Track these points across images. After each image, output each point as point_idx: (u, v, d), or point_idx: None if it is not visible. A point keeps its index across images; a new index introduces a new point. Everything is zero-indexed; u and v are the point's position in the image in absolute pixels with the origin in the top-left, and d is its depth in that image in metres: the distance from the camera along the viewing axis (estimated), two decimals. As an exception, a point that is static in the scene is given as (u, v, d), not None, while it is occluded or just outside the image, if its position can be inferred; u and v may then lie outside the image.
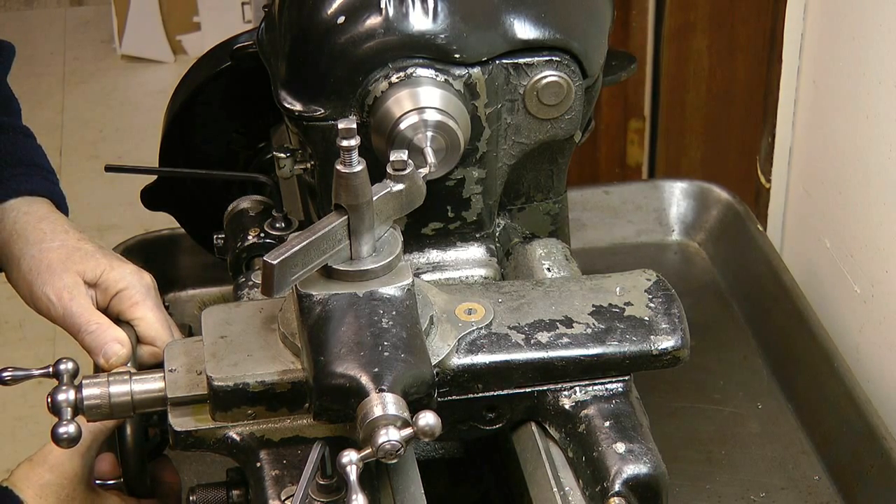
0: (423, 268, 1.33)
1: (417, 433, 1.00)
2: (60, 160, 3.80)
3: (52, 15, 4.67)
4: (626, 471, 1.11)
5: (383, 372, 1.04)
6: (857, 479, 1.50)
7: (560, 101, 1.28)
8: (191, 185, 1.64)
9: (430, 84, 1.23)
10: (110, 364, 1.27)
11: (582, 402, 1.16)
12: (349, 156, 1.06)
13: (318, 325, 1.08)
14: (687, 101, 2.52)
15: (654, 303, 1.20)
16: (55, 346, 3.04)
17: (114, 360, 1.27)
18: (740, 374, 1.69)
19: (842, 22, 1.70)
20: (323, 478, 1.08)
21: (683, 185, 1.96)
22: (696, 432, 1.60)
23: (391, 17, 1.23)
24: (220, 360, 1.12)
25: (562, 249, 1.37)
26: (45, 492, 1.20)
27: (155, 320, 1.32)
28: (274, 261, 1.05)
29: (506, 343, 1.15)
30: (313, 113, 1.26)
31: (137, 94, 4.20)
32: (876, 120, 1.62)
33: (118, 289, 1.32)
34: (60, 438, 1.11)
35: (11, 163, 1.41)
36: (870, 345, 1.68)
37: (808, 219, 1.86)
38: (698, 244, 1.93)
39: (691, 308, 1.31)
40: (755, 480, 1.53)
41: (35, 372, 1.17)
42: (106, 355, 1.27)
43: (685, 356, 1.18)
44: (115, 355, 1.27)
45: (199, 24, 4.28)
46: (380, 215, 1.11)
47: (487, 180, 1.32)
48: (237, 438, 1.12)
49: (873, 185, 1.64)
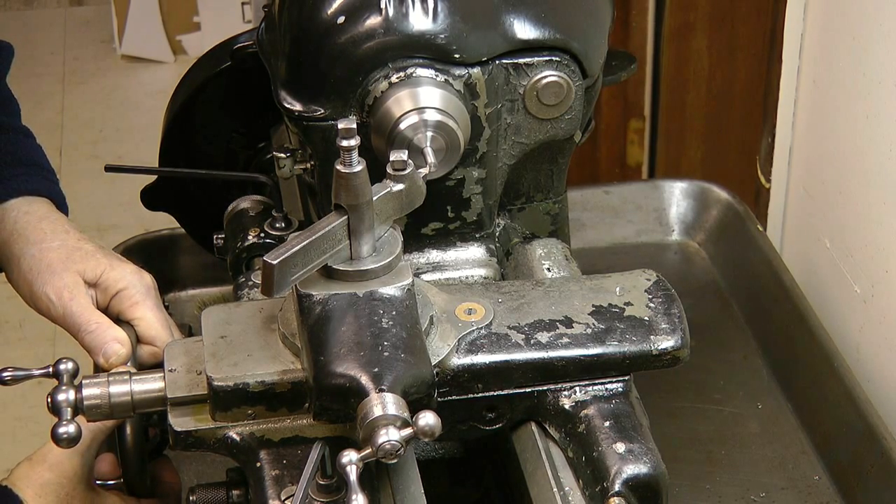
0: (423, 268, 1.33)
1: (417, 433, 1.00)
2: (60, 160, 3.80)
3: (52, 15, 4.67)
4: (626, 471, 1.10)
5: (383, 372, 1.04)
6: (857, 479, 1.50)
7: (560, 101, 1.28)
8: (191, 185, 1.64)
9: (430, 84, 1.23)
10: (110, 364, 1.27)
11: (582, 402, 1.16)
12: (349, 156, 1.06)
13: (318, 325, 1.08)
14: (687, 101, 2.52)
15: (654, 303, 1.20)
16: (55, 346, 3.04)
17: (113, 359, 1.27)
18: (740, 374, 1.69)
19: (842, 22, 1.70)
20: (323, 478, 1.08)
21: (683, 185, 1.96)
22: (696, 432, 1.60)
23: (391, 17, 1.23)
24: (220, 360, 1.12)
25: (562, 249, 1.37)
26: (44, 491, 1.20)
27: (155, 320, 1.32)
28: (274, 261, 1.05)
29: (506, 343, 1.15)
30: (313, 113, 1.26)
31: (137, 94, 4.20)
32: (876, 120, 1.62)
33: (118, 288, 1.32)
34: (60, 438, 1.11)
35: (11, 162, 1.41)
36: (870, 345, 1.68)
37: (808, 219, 1.86)
38: (698, 244, 1.93)
39: (691, 308, 1.31)
40: (755, 480, 1.53)
41: (35, 372, 1.17)
42: (105, 355, 1.27)
43: (685, 356, 1.18)
44: (114, 355, 1.27)
45: (199, 24, 4.28)
46: (380, 215, 1.11)
47: (487, 180, 1.32)
48: (237, 438, 1.12)
49: (873, 185, 1.64)
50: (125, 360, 1.28)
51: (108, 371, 1.26)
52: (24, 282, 1.33)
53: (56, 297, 1.31)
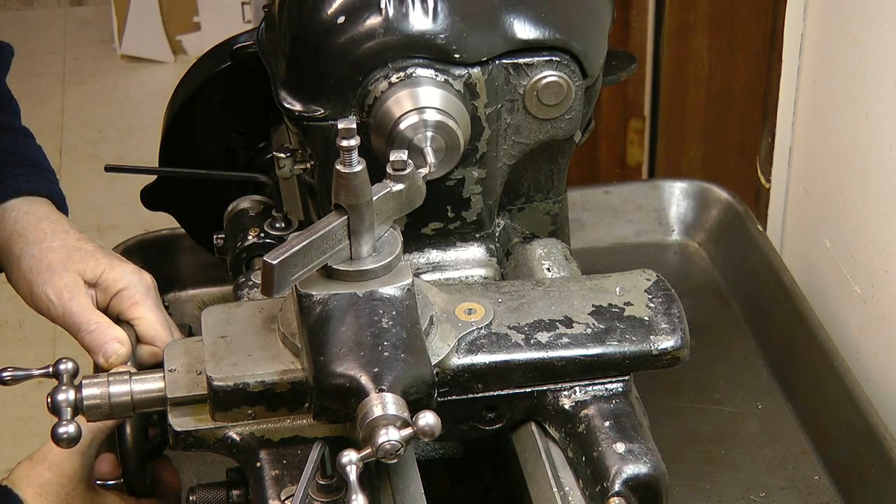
0: (423, 268, 1.33)
1: (417, 433, 1.00)
2: (60, 160, 3.80)
3: (52, 15, 4.67)
4: (626, 471, 1.10)
5: (383, 372, 1.04)
6: (857, 479, 1.50)
7: (560, 101, 1.28)
8: (191, 185, 1.64)
9: (429, 84, 1.23)
10: (110, 363, 1.27)
11: (582, 402, 1.16)
12: (349, 156, 1.06)
13: (318, 325, 1.08)
14: (687, 101, 2.52)
15: (654, 303, 1.20)
16: (55, 346, 3.04)
17: (113, 359, 1.27)
18: (740, 374, 1.69)
19: (842, 22, 1.70)
20: (323, 478, 1.08)
21: (683, 185, 1.96)
22: (696, 432, 1.60)
23: (391, 17, 1.23)
24: (220, 360, 1.12)
25: (562, 249, 1.37)
26: (44, 490, 1.20)
27: (155, 320, 1.32)
28: (274, 261, 1.05)
29: (506, 343, 1.15)
30: (313, 113, 1.26)
31: (137, 94, 4.20)
32: (876, 120, 1.62)
33: (118, 288, 1.32)
34: (60, 438, 1.11)
35: (11, 163, 1.41)
36: (870, 345, 1.68)
37: (808, 219, 1.86)
38: (698, 244, 1.93)
39: (691, 308, 1.31)
40: (755, 480, 1.53)
41: (35, 372, 1.17)
42: (106, 354, 1.27)
43: (685, 356, 1.18)
44: (114, 354, 1.27)
45: (199, 24, 4.28)
46: (380, 215, 1.11)
47: (487, 180, 1.31)
48: (237, 438, 1.12)
49: (873, 185, 1.64)
50: (125, 360, 1.28)
51: (108, 371, 1.26)
52: (24, 282, 1.33)
53: (56, 297, 1.31)
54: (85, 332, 1.29)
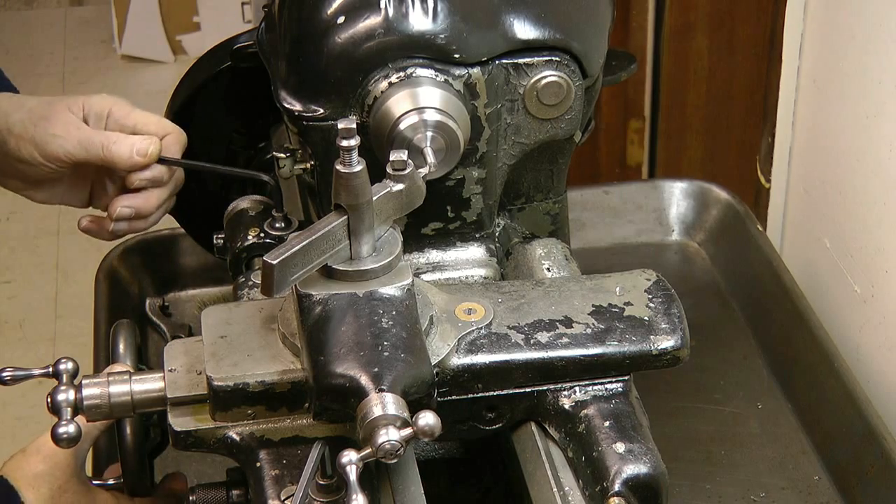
0: (423, 268, 1.33)
1: (417, 433, 1.00)
2: (60, 160, 3.79)
3: (52, 15, 4.67)
4: (625, 471, 1.10)
5: (383, 372, 1.04)
6: (857, 479, 1.50)
7: (560, 101, 1.28)
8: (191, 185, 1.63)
9: (429, 84, 1.23)
10: (150, 154, 1.35)
11: (582, 402, 1.16)
12: (349, 156, 1.06)
13: (318, 325, 1.08)
14: (687, 101, 2.52)
15: (654, 303, 1.20)
16: (55, 346, 3.04)
17: (153, 148, 1.36)
18: (740, 374, 1.69)
19: (842, 22, 1.70)
20: (323, 478, 1.08)
21: (683, 184, 1.96)
22: (696, 432, 1.60)
23: (391, 17, 1.23)
24: (220, 360, 1.12)
25: (562, 249, 1.37)
26: (37, 482, 1.21)
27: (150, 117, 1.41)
28: (274, 261, 1.05)
29: (506, 343, 1.15)
30: (313, 113, 1.26)
31: (137, 94, 4.19)
32: (876, 120, 1.62)
33: (107, 109, 1.39)
34: (60, 438, 1.11)
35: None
36: (870, 345, 1.68)
37: (808, 219, 1.86)
38: (698, 244, 1.93)
39: (691, 308, 1.31)
40: (755, 480, 1.53)
41: (35, 372, 1.17)
42: (140, 151, 1.35)
43: (685, 356, 1.18)
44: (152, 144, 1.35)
45: (199, 24, 4.28)
46: (380, 215, 1.11)
47: (487, 180, 1.32)
48: (237, 438, 1.12)
49: (873, 185, 1.64)
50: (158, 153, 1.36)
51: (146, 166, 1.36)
52: (25, 142, 1.37)
53: (64, 132, 1.36)
54: (111, 142, 1.35)
